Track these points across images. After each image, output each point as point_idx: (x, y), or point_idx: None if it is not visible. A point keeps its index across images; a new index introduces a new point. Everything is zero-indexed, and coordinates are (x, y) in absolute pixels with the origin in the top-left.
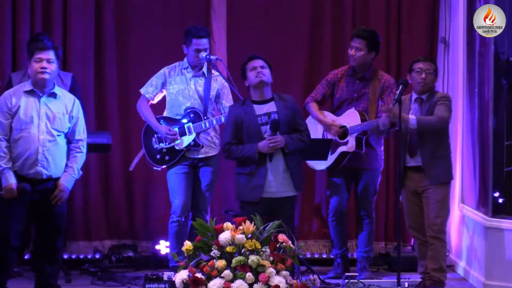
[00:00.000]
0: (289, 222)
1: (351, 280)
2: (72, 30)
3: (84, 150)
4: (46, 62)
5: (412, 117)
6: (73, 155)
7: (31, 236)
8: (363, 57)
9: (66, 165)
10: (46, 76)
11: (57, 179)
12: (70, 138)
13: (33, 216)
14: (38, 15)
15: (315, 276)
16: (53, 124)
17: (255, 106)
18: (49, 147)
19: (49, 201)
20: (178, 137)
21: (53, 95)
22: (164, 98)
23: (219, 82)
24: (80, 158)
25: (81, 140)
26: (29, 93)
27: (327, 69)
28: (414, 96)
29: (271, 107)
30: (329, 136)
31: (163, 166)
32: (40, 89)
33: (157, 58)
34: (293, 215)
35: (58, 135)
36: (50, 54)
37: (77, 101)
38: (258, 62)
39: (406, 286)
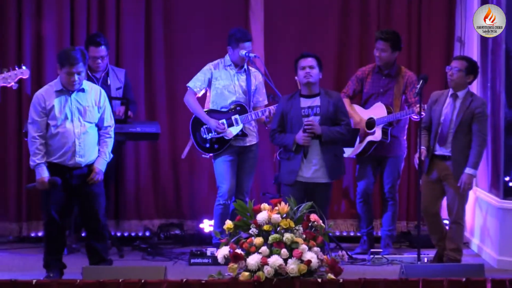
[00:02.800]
0: (324, 204)
1: (376, 256)
2: (125, 30)
3: (112, 134)
4: (77, 75)
5: (471, 171)
6: (103, 140)
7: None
8: (387, 57)
9: (99, 150)
10: (77, 86)
11: (92, 164)
12: (99, 125)
13: (74, 199)
14: (94, 16)
15: (343, 252)
16: (85, 117)
17: (302, 99)
18: (84, 139)
19: (86, 183)
20: (227, 129)
21: (82, 90)
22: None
23: (257, 78)
24: (110, 142)
25: (110, 126)
26: (60, 92)
27: (354, 66)
28: (451, 91)
29: (315, 101)
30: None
31: (211, 154)
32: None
33: (200, 55)
34: (327, 198)
35: (90, 126)
36: (79, 68)
37: (103, 92)
38: (308, 62)
39: (426, 261)
